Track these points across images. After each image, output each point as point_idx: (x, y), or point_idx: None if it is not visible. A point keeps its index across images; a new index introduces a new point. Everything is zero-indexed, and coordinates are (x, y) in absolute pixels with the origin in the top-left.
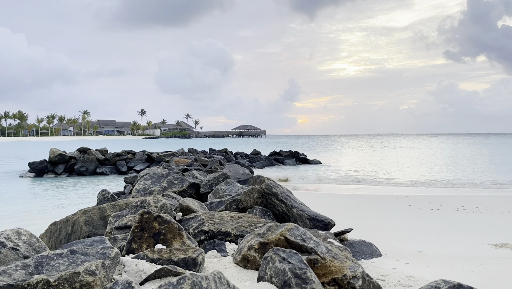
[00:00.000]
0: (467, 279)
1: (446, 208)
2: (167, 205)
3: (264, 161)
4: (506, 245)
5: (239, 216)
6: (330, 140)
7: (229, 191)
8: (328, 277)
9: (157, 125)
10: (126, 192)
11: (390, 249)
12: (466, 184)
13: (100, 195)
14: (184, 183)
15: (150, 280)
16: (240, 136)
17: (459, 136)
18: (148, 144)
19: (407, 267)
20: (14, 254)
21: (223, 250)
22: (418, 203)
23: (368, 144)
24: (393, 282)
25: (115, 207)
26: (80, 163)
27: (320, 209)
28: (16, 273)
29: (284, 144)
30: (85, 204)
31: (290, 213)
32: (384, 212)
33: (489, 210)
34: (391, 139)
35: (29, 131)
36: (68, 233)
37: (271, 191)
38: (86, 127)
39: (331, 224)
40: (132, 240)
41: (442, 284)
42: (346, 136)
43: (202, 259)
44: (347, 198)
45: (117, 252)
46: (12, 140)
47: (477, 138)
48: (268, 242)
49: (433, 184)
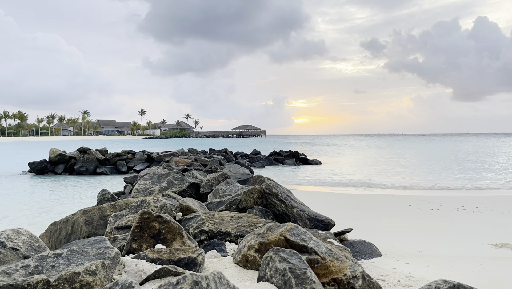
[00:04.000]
0: (467, 279)
1: (446, 208)
2: (167, 205)
3: (264, 161)
4: (506, 245)
5: (239, 216)
6: (328, 139)
7: (229, 191)
8: (328, 277)
9: (157, 125)
10: (126, 192)
11: (390, 249)
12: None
13: (100, 195)
14: (184, 183)
15: (150, 280)
16: (240, 136)
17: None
18: (148, 144)
19: (407, 267)
20: (14, 254)
21: (223, 250)
22: (418, 203)
23: (370, 144)
24: (393, 282)
25: (115, 207)
26: (80, 162)
27: (320, 209)
28: (16, 273)
29: (284, 144)
30: (85, 204)
31: (290, 213)
32: (384, 212)
33: (489, 210)
34: (392, 139)
35: (29, 131)
36: (68, 233)
37: (271, 191)
38: (86, 127)
39: (331, 224)
40: (132, 240)
41: (442, 284)
42: (346, 136)
43: (202, 259)
44: (347, 198)
45: (117, 252)
46: (12, 140)
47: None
48: (268, 242)
49: (433, 184)
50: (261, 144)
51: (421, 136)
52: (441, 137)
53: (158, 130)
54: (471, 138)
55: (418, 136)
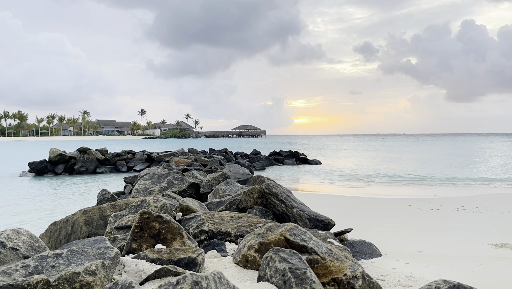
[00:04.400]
0: (467, 279)
1: (446, 208)
2: (167, 205)
3: (264, 161)
4: (506, 245)
5: (239, 216)
6: (329, 140)
7: (229, 191)
8: (328, 277)
9: (157, 125)
10: (126, 192)
11: (390, 249)
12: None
13: (100, 195)
14: (184, 183)
15: (150, 280)
16: (240, 136)
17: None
18: (148, 144)
19: (407, 267)
20: (14, 254)
21: (223, 250)
22: (418, 203)
23: (371, 145)
24: (393, 282)
25: (115, 207)
26: (80, 162)
27: (320, 209)
28: (16, 273)
29: (284, 144)
30: (85, 204)
31: (290, 213)
32: (384, 212)
33: (489, 210)
34: (392, 139)
35: (29, 131)
36: (68, 233)
37: (271, 191)
38: (86, 127)
39: (331, 224)
40: (132, 240)
41: (442, 284)
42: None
43: (202, 259)
44: (347, 198)
45: (117, 252)
46: (12, 140)
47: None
48: (268, 242)
49: (432, 184)
50: (261, 144)
51: (420, 137)
52: (441, 137)
53: (158, 131)
54: (473, 138)
55: (418, 136)
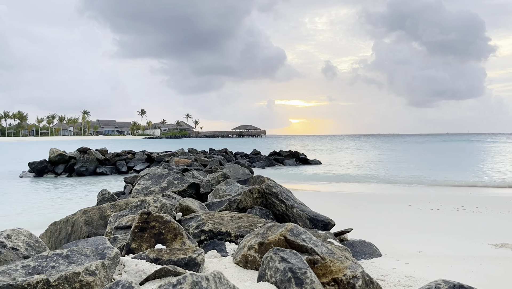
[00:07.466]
0: (467, 279)
1: (446, 208)
2: (167, 205)
3: (264, 161)
4: (506, 245)
5: (239, 216)
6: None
7: (229, 191)
8: (328, 277)
9: (157, 125)
10: (126, 192)
11: (390, 249)
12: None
13: (100, 195)
14: (184, 183)
15: (150, 280)
16: (240, 137)
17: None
18: (148, 144)
19: (407, 267)
20: (14, 254)
21: (223, 250)
22: (418, 203)
23: (371, 145)
24: (393, 282)
25: (115, 207)
26: (80, 163)
27: (320, 209)
28: (16, 273)
29: (284, 144)
30: (85, 204)
31: (290, 213)
32: (384, 212)
33: (489, 210)
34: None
35: (29, 131)
36: (68, 233)
37: (271, 191)
38: (86, 127)
39: (331, 224)
40: (132, 240)
41: (442, 284)
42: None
43: (202, 259)
44: (347, 198)
45: (117, 252)
46: (12, 140)
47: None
48: (268, 242)
49: (433, 183)
50: (261, 144)
51: (419, 137)
52: (429, 138)
53: (158, 130)
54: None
55: (417, 137)
